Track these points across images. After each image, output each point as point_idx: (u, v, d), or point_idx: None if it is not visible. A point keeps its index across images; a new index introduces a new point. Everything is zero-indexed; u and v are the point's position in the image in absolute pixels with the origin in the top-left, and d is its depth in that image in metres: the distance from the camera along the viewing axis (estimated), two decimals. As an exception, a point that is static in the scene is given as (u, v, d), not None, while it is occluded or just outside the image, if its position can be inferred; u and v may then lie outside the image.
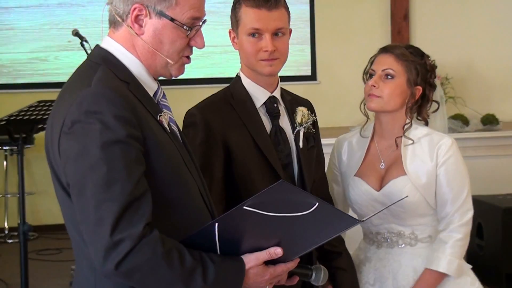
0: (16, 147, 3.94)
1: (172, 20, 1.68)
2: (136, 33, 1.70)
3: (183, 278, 1.57)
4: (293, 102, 2.44)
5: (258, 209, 1.59)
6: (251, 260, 1.67)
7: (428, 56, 2.51)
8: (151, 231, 1.55)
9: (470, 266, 2.49)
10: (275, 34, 2.25)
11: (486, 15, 6.72)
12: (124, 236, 1.51)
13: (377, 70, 2.47)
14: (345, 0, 6.73)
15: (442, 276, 2.42)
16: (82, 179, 1.55)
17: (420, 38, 6.54)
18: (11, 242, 6.05)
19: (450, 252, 2.40)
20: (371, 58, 2.54)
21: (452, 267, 2.40)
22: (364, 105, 2.52)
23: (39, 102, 3.97)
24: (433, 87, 2.51)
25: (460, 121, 5.78)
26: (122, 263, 1.51)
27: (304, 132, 2.39)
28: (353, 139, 2.60)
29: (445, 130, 2.70)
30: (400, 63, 2.44)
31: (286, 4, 2.30)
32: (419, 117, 2.53)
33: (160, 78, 1.80)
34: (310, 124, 2.41)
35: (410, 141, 2.46)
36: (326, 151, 2.65)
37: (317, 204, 1.60)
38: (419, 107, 2.51)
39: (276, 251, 1.68)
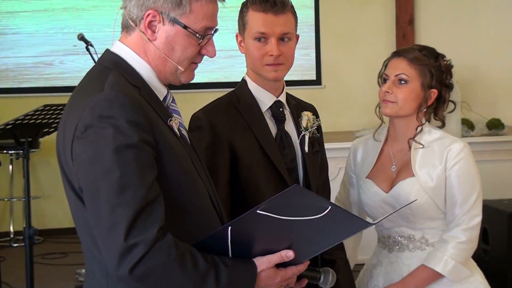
0: (21, 151, 3.94)
1: (185, 27, 1.70)
2: (148, 38, 1.71)
3: (196, 282, 1.58)
4: (298, 106, 2.45)
5: (271, 213, 1.60)
6: (263, 263, 1.68)
7: (443, 56, 2.48)
8: (165, 235, 1.56)
9: (468, 272, 2.44)
10: (281, 39, 2.26)
11: (491, 20, 6.72)
12: (138, 240, 1.52)
13: (390, 75, 2.45)
14: (350, 5, 6.74)
15: (436, 275, 2.40)
16: (95, 184, 1.56)
17: (425, 43, 6.45)
18: (16, 246, 6.06)
19: (449, 253, 2.38)
20: (385, 61, 2.53)
21: (447, 268, 2.38)
22: (379, 108, 2.51)
23: (45, 106, 3.98)
24: (449, 88, 2.49)
25: (465, 125, 5.78)
26: (136, 267, 1.52)
27: (309, 136, 2.39)
28: (369, 142, 2.61)
29: (459, 133, 2.67)
30: (414, 67, 2.42)
31: (294, 10, 2.30)
32: (436, 118, 2.51)
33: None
34: (315, 128, 2.42)
35: (420, 146, 2.45)
36: (331, 156, 2.65)
37: (329, 207, 1.61)
38: (435, 108, 2.49)
39: (288, 254, 1.69)
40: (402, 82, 2.43)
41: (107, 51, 1.77)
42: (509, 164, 5.56)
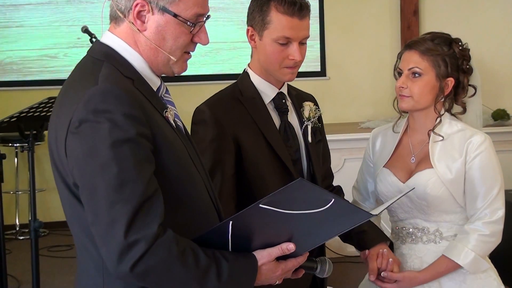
0: (26, 144, 3.94)
1: (175, 16, 1.64)
2: (138, 29, 1.65)
3: (197, 278, 1.55)
4: (298, 97, 2.46)
5: (274, 207, 1.58)
6: (263, 256, 1.66)
7: (457, 41, 2.43)
8: (165, 231, 1.53)
9: (488, 266, 2.42)
10: (300, 42, 2.25)
11: (496, 11, 6.69)
12: (139, 237, 1.49)
13: (404, 69, 2.41)
14: (355, -4, 6.73)
15: (455, 266, 2.38)
16: (93, 180, 1.51)
17: (430, 33, 6.52)
18: (22, 239, 6.08)
19: (471, 245, 2.35)
20: (399, 53, 2.48)
21: (467, 259, 2.35)
22: (397, 102, 2.48)
23: (49, 98, 3.96)
24: (467, 72, 2.44)
25: (470, 116, 5.76)
26: (137, 264, 1.49)
27: (311, 126, 2.39)
28: (388, 132, 2.58)
29: (480, 124, 2.62)
30: (426, 58, 2.37)
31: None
32: (457, 104, 2.46)
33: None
34: (316, 118, 2.42)
35: (440, 138, 2.41)
36: (336, 147, 2.65)
37: (332, 200, 1.59)
38: (455, 95, 2.45)
39: (289, 247, 1.66)
40: (416, 75, 2.38)
41: (97, 42, 1.72)
42: (515, 154, 5.55)
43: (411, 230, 2.47)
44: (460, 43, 2.44)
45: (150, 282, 1.54)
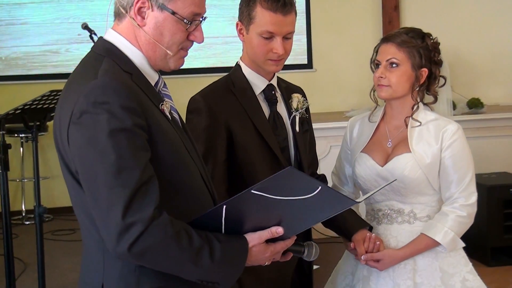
0: (30, 135, 3.92)
1: (173, 13, 1.67)
2: (138, 24, 1.68)
3: (191, 257, 1.58)
4: (287, 89, 2.45)
5: (265, 193, 1.59)
6: (254, 239, 1.68)
7: (429, 35, 2.46)
8: (160, 214, 1.55)
9: (463, 244, 2.46)
10: (285, 37, 2.24)
11: (473, 6, 6.70)
12: (136, 219, 1.51)
13: (381, 60, 2.43)
14: (339, -8, 6.71)
15: (434, 244, 2.40)
16: (93, 167, 1.54)
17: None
18: (28, 224, 6.06)
19: (449, 225, 2.39)
20: (375, 47, 2.50)
21: (446, 239, 2.38)
22: (374, 91, 2.50)
23: (51, 91, 3.94)
24: (438, 64, 2.46)
25: (447, 105, 5.77)
26: (135, 244, 1.51)
27: (299, 117, 2.38)
28: (365, 119, 2.60)
29: (450, 112, 2.65)
30: (402, 50, 2.40)
31: (295, 8, 2.28)
32: (428, 92, 2.49)
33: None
34: (304, 109, 2.41)
35: (417, 123, 2.44)
36: (323, 134, 2.64)
37: (319, 188, 1.60)
38: (428, 85, 2.47)
39: (278, 230, 1.69)
40: (394, 65, 2.41)
41: (101, 38, 1.74)
42: (488, 140, 5.57)
43: (387, 211, 2.48)
44: (431, 37, 2.47)
45: (147, 261, 1.57)
